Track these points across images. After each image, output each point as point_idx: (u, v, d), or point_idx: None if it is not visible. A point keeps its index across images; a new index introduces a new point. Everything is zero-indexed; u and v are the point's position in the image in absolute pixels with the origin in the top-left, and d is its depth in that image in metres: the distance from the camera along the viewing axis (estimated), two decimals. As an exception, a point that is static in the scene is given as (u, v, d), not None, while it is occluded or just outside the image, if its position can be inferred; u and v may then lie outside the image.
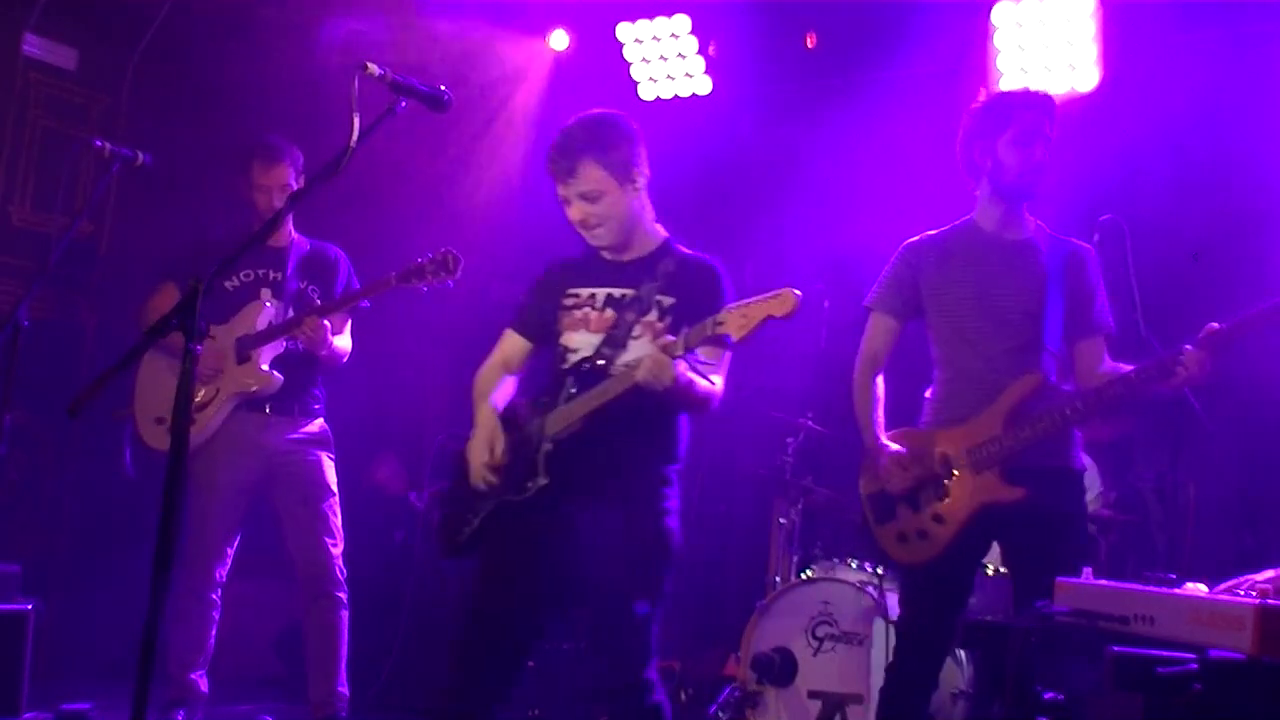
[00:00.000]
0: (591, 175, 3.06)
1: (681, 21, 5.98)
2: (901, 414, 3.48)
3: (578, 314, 3.15)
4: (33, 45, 5.60)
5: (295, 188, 4.38)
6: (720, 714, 4.51)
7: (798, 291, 2.71)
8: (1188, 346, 3.02)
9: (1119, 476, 5.00)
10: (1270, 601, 1.80)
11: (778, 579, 4.81)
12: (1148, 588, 2.02)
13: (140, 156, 3.94)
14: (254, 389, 4.28)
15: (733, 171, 6.19)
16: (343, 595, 4.32)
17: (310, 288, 4.47)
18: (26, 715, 4.11)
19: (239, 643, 5.34)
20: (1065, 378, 3.34)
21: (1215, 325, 3.03)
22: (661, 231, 3.26)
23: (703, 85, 6.08)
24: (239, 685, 5.14)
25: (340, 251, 4.62)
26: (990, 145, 3.32)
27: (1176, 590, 1.99)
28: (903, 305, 3.44)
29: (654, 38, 6.05)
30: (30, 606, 4.10)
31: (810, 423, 4.92)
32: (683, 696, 5.01)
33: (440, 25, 5.73)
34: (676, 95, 6.16)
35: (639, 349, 2.97)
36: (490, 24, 5.99)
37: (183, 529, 4.24)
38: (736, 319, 2.75)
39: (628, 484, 3.03)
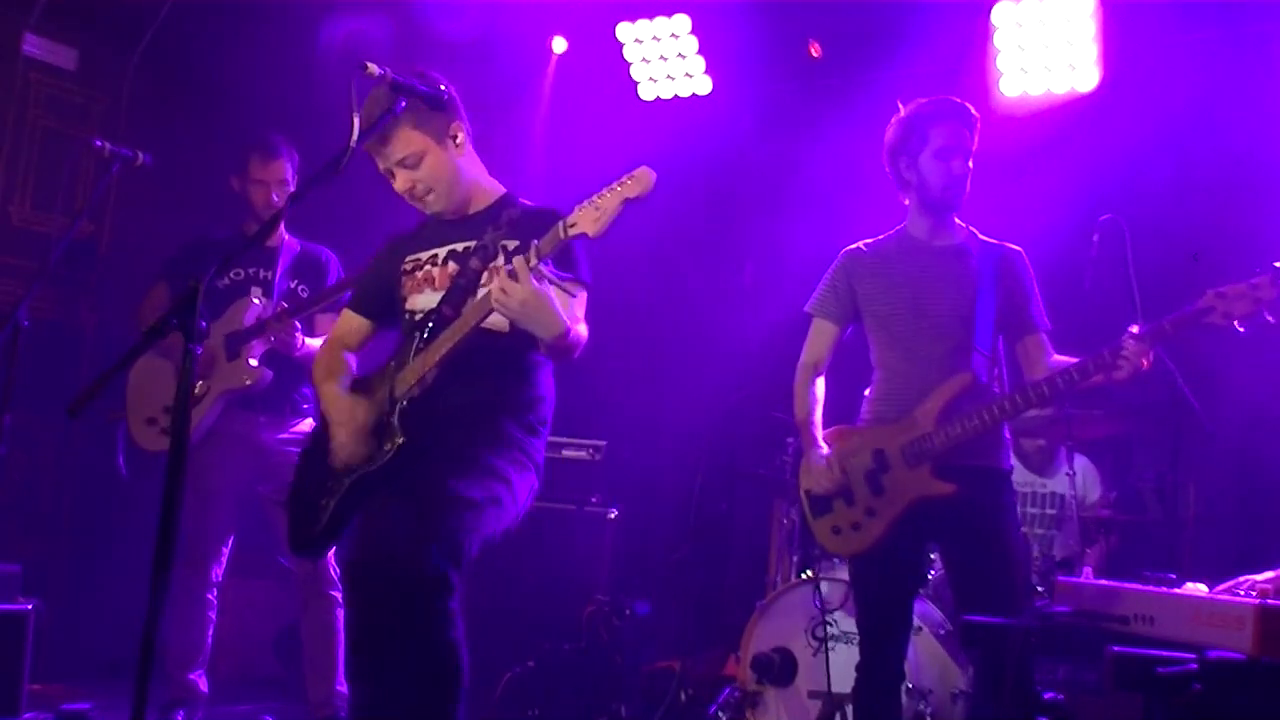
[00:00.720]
0: (406, 139, 2.90)
1: (681, 21, 5.97)
2: (842, 413, 3.59)
3: (419, 275, 3.00)
4: (33, 45, 5.60)
5: (291, 185, 4.42)
6: (720, 714, 4.51)
7: (653, 171, 2.51)
8: (1130, 341, 3.04)
9: (1119, 476, 5.00)
10: (1270, 601, 1.80)
11: (778, 579, 4.81)
12: (1148, 588, 2.02)
13: (140, 156, 3.94)
14: (244, 384, 4.27)
15: (733, 171, 6.19)
16: (337, 594, 4.30)
17: (300, 287, 4.48)
18: (26, 715, 4.10)
19: (239, 643, 5.34)
20: (996, 377, 3.43)
21: (1136, 326, 3.05)
22: (500, 186, 3.13)
23: (703, 85, 6.08)
24: (239, 685, 5.14)
25: (331, 254, 4.62)
26: (913, 161, 3.41)
27: (1176, 590, 1.99)
28: (841, 311, 3.56)
29: (654, 38, 6.05)
30: (30, 606, 4.09)
31: (810, 423, 4.91)
32: (683, 696, 5.00)
33: (440, 25, 5.72)
34: (676, 95, 6.16)
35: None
36: (490, 24, 5.99)
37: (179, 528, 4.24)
38: (589, 214, 2.53)
39: (485, 433, 2.85)
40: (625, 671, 5.07)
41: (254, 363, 4.27)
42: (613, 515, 5.39)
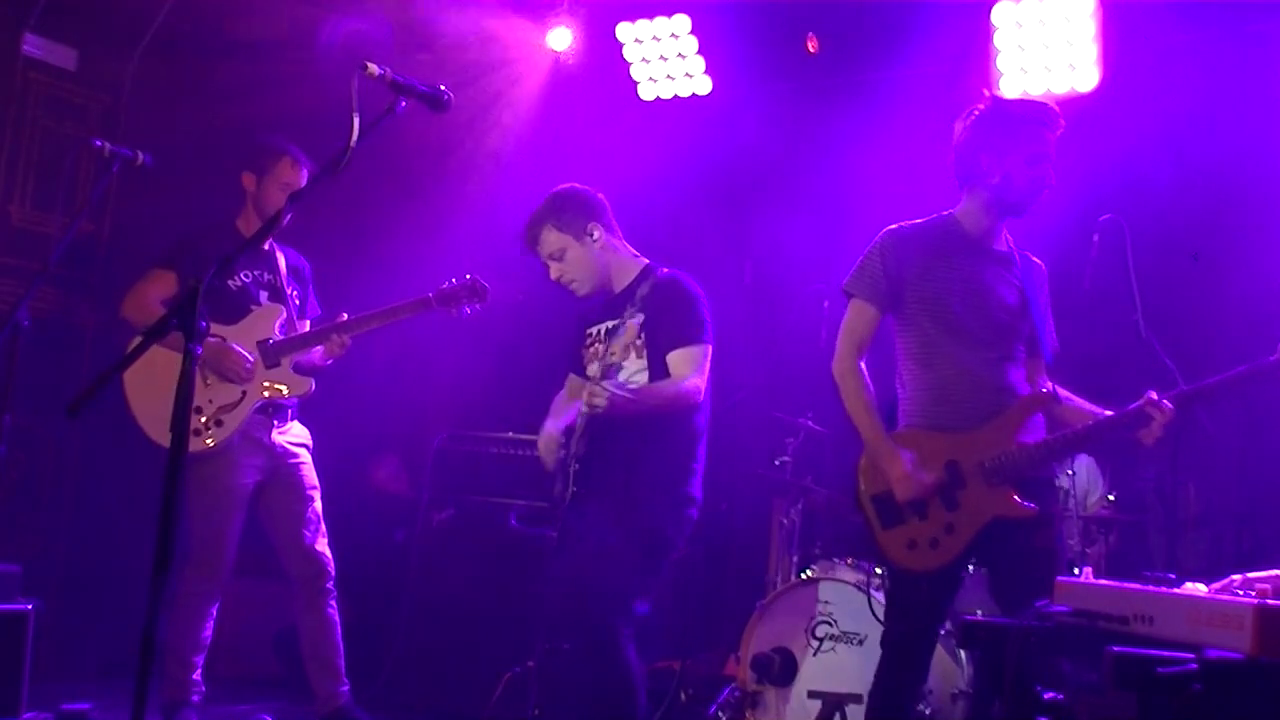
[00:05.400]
0: (548, 239, 3.67)
1: (681, 21, 5.97)
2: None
3: (590, 350, 3.74)
4: (33, 45, 5.60)
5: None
6: (720, 714, 4.51)
7: None
8: (1165, 403, 3.10)
9: (1119, 476, 5.00)
10: (1269, 601, 1.80)
11: (778, 579, 4.81)
12: (1148, 588, 2.02)
13: (140, 156, 3.94)
14: (290, 393, 4.31)
15: (732, 172, 6.18)
16: (333, 587, 4.38)
17: (295, 294, 4.51)
18: (26, 715, 4.10)
19: (239, 643, 5.34)
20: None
21: (1150, 394, 3.13)
22: (642, 260, 3.75)
23: (703, 85, 6.07)
24: (239, 685, 5.14)
25: (305, 260, 4.67)
26: (1000, 160, 3.27)
27: (1176, 590, 1.99)
28: (885, 295, 3.33)
29: (654, 38, 6.05)
30: (30, 606, 4.09)
31: (810, 423, 4.91)
32: (683, 696, 5.00)
33: (440, 26, 5.72)
34: (676, 95, 6.15)
35: (630, 368, 3.55)
36: (490, 25, 5.98)
37: (190, 529, 4.25)
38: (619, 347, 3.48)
39: (627, 486, 3.52)
40: (625, 671, 5.06)
41: (297, 374, 4.34)
42: (613, 515, 5.39)
